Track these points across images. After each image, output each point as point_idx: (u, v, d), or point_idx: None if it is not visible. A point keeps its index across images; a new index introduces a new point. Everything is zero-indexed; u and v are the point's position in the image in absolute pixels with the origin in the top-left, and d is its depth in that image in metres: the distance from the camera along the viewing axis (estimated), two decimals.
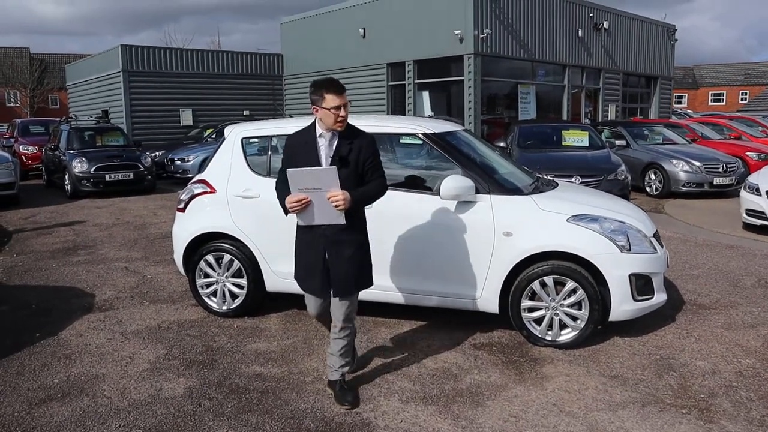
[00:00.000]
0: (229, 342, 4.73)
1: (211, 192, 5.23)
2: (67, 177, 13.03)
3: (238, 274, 5.22)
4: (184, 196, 5.38)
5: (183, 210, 5.36)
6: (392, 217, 4.78)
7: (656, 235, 4.90)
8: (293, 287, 5.12)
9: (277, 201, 3.80)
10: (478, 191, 4.64)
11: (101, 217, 10.64)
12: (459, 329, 4.96)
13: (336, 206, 3.47)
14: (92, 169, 12.75)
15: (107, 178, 12.91)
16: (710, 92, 57.25)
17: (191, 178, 5.77)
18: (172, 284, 6.32)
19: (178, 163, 15.12)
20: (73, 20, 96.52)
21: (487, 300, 4.69)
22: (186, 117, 20.14)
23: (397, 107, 18.64)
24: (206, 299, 5.35)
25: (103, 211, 11.23)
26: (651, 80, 24.20)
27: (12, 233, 9.25)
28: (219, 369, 4.23)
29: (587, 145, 11.87)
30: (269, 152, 5.22)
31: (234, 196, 5.15)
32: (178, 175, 15.07)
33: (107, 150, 13.85)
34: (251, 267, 5.16)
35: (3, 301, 5.79)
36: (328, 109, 3.51)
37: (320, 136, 3.63)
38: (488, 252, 4.62)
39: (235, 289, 5.25)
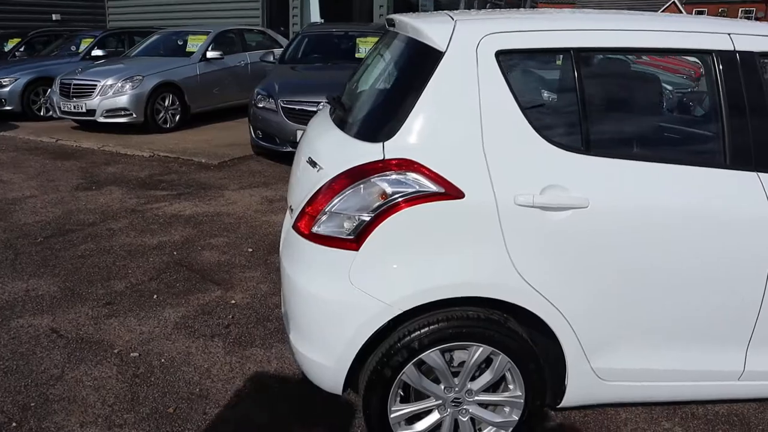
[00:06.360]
0: None
1: (447, 196, 2.00)
2: None
3: (498, 385, 2.20)
4: (355, 208, 2.04)
5: (356, 244, 2.04)
6: None
7: None
8: (632, 395, 2.31)
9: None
10: None
11: None
12: None
13: None
14: None
15: None
16: None
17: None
18: (216, 382, 2.92)
19: None
20: None
21: None
22: None
23: (275, 16, 14.74)
24: None
25: None
26: None
27: None
28: None
29: None
30: (580, 92, 2.10)
31: (517, 205, 2.01)
32: None
33: None
34: (538, 367, 2.16)
35: None
36: None
37: None
38: None
39: (485, 415, 2.23)
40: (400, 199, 1.99)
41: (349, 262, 2.05)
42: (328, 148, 2.34)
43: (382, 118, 2.15)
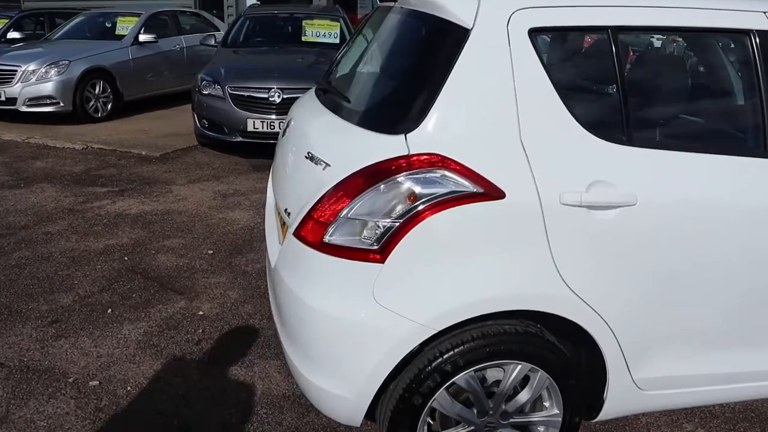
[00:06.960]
0: None
1: (486, 197, 1.73)
2: None
3: (532, 404, 1.97)
4: (378, 214, 1.73)
5: (381, 255, 1.74)
6: None
7: None
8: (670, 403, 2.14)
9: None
10: None
11: None
12: None
13: None
14: None
15: None
16: None
17: None
18: (195, 410, 2.56)
19: None
20: None
21: None
22: None
23: None
24: None
25: None
26: None
27: None
28: None
29: None
30: (620, 76, 1.86)
31: (562, 205, 1.76)
32: None
33: None
34: (578, 382, 1.95)
35: None
36: None
37: None
38: None
39: None
40: (432, 202, 1.70)
41: (372, 277, 1.75)
42: (331, 141, 2.02)
43: (401, 106, 1.86)
